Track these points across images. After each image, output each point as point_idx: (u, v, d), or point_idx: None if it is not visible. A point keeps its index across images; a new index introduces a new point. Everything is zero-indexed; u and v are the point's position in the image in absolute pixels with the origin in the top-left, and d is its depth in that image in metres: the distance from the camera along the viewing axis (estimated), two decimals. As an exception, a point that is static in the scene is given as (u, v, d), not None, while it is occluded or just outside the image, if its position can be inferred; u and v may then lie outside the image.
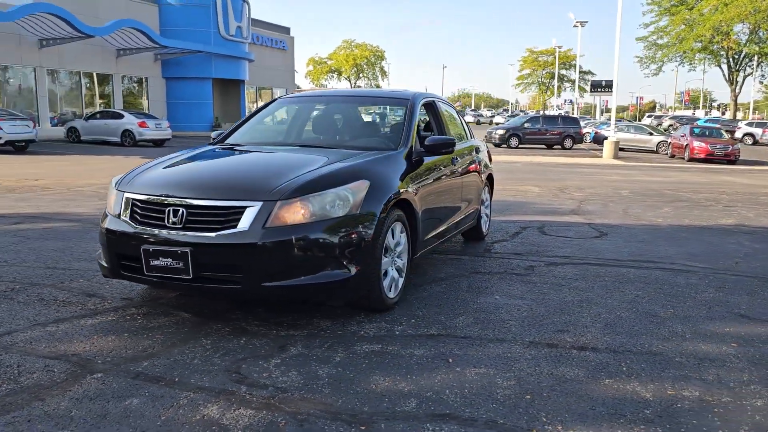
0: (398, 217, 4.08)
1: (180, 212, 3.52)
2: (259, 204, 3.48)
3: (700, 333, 3.78)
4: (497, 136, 29.02)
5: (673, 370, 3.18)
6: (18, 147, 19.44)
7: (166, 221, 3.54)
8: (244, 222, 3.44)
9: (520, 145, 28.59)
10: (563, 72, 72.78)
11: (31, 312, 3.94)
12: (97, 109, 27.78)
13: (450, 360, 3.27)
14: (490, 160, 7.21)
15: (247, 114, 5.22)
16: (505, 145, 28.59)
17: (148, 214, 3.63)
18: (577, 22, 39.31)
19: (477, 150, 6.33)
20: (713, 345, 3.58)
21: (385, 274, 4.00)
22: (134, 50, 28.94)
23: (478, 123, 63.76)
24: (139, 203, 3.69)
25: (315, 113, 5.34)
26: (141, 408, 2.69)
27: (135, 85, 31.47)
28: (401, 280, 4.25)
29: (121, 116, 23.88)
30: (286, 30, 42.67)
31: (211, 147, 4.81)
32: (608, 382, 3.02)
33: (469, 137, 6.57)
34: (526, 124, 29.38)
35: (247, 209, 3.47)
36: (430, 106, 5.59)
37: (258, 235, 3.41)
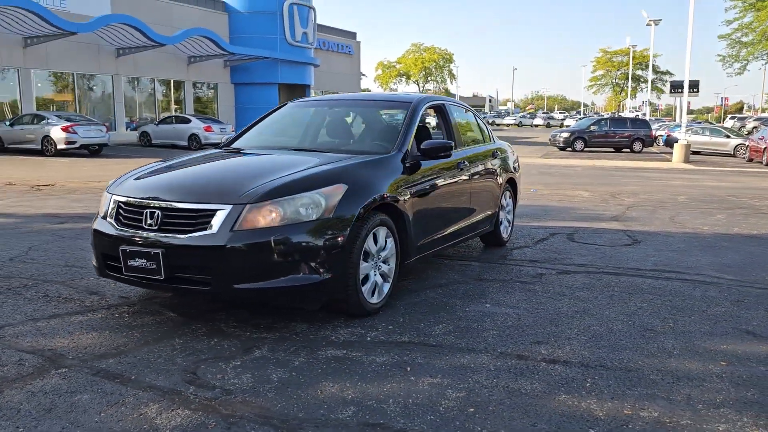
0: (382, 221, 4.03)
1: (156, 214, 3.63)
2: (229, 207, 3.53)
3: (690, 349, 3.54)
4: (561, 140, 28.26)
5: (641, 388, 2.99)
6: (92, 150, 20.59)
7: (143, 223, 3.66)
8: (214, 225, 3.50)
9: (586, 149, 27.72)
10: (639, 72, 70.00)
11: (31, 307, 4.16)
12: (171, 114, 29.03)
13: (408, 369, 3.20)
14: (518, 164, 7.03)
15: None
16: (570, 149, 27.82)
17: (129, 215, 3.76)
18: (650, 20, 37.74)
19: (494, 154, 6.18)
20: (699, 363, 3.34)
21: (366, 278, 3.97)
22: (204, 57, 30.08)
23: (548, 126, 62.29)
24: (123, 205, 3.83)
25: (318, 118, 5.37)
26: (87, 404, 2.78)
27: (206, 90, 32.67)
28: (387, 286, 4.20)
29: (188, 121, 24.88)
30: (352, 35, 43.19)
31: (212, 151, 4.93)
32: (564, 398, 2.88)
33: (490, 141, 6.44)
34: (592, 127, 28.47)
35: (218, 212, 3.53)
36: (440, 110, 5.52)
37: (225, 237, 3.46)
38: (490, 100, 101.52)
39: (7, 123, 21.22)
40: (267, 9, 31.74)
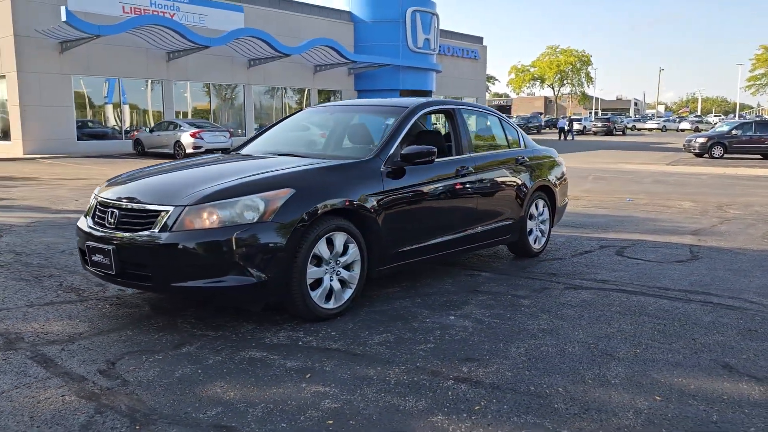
0: (338, 226, 4.01)
1: (115, 214, 3.90)
2: (171, 209, 3.71)
3: (634, 380, 3.15)
4: (697, 146, 25.94)
5: (532, 417, 2.73)
6: (217, 155, 22.24)
7: (105, 222, 3.95)
8: (157, 225, 3.70)
9: (726, 155, 25.21)
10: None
11: (37, 294, 4.62)
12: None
13: (308, 375, 3.17)
14: (559, 172, 6.60)
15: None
16: (706, 155, 25.46)
17: (100, 215, 4.07)
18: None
19: (519, 160, 5.88)
20: (629, 395, 2.97)
21: (319, 283, 3.98)
22: (329, 66, 31.33)
23: (696, 130, 57.35)
24: (98, 205, 4.15)
25: (320, 123, 5.46)
26: (0, 383, 3.07)
27: (330, 97, 34.00)
28: (349, 292, 4.17)
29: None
30: (479, 39, 42.75)
31: (211, 155, 5.19)
32: (436, 419, 2.70)
33: (519, 146, 6.15)
34: (734, 131, 25.82)
35: (162, 213, 3.72)
36: (450, 116, 5.38)
37: (164, 237, 3.64)
38: (635, 104, 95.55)
39: (148, 130, 23.58)
40: (390, 17, 32.41)
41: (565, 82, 71.91)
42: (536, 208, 6.14)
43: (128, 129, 25.94)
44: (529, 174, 5.97)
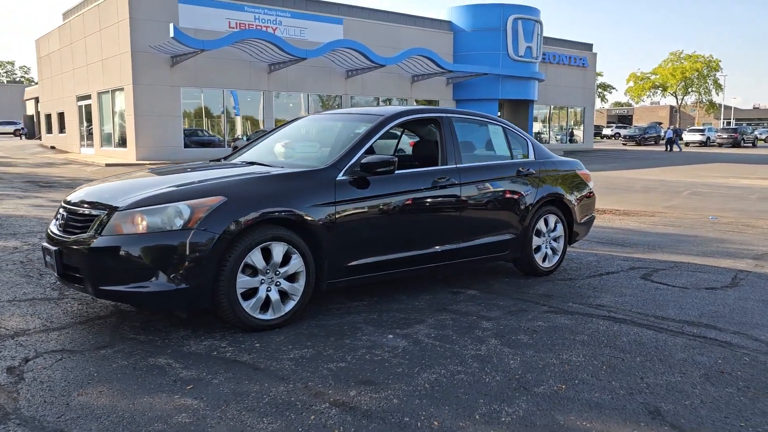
0: (276, 236, 3.94)
1: (64, 216, 4.08)
2: (103, 213, 3.81)
3: (528, 421, 2.79)
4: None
5: (374, 452, 2.49)
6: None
7: (57, 225, 4.14)
8: (91, 229, 3.81)
9: None
10: None
11: (27, 290, 4.92)
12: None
13: (189, 387, 3.11)
14: (580, 186, 6.10)
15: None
16: (839, 170, 22.70)
17: (57, 218, 4.27)
18: None
19: (522, 172, 5.50)
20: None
21: (253, 293, 3.92)
22: (426, 76, 31.30)
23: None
24: (60, 208, 4.36)
25: (304, 132, 5.40)
26: None
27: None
28: (291, 303, 4.08)
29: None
30: (588, 46, 40.88)
31: (194, 163, 5.30)
32: (272, 445, 2.54)
33: (528, 157, 5.77)
34: None
35: (95, 218, 3.84)
36: (436, 124, 5.16)
37: (93, 241, 3.74)
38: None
39: (245, 139, 24.77)
40: (490, 26, 31.89)
41: (690, 90, 66.92)
42: (546, 223, 5.72)
43: (237, 137, 27.34)
44: (535, 187, 5.57)
